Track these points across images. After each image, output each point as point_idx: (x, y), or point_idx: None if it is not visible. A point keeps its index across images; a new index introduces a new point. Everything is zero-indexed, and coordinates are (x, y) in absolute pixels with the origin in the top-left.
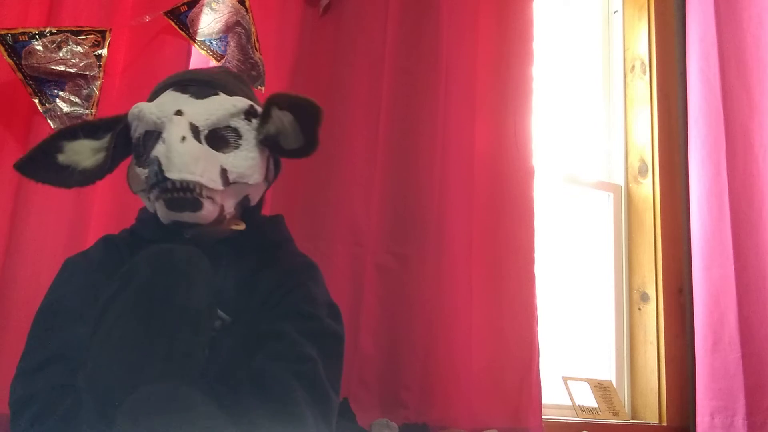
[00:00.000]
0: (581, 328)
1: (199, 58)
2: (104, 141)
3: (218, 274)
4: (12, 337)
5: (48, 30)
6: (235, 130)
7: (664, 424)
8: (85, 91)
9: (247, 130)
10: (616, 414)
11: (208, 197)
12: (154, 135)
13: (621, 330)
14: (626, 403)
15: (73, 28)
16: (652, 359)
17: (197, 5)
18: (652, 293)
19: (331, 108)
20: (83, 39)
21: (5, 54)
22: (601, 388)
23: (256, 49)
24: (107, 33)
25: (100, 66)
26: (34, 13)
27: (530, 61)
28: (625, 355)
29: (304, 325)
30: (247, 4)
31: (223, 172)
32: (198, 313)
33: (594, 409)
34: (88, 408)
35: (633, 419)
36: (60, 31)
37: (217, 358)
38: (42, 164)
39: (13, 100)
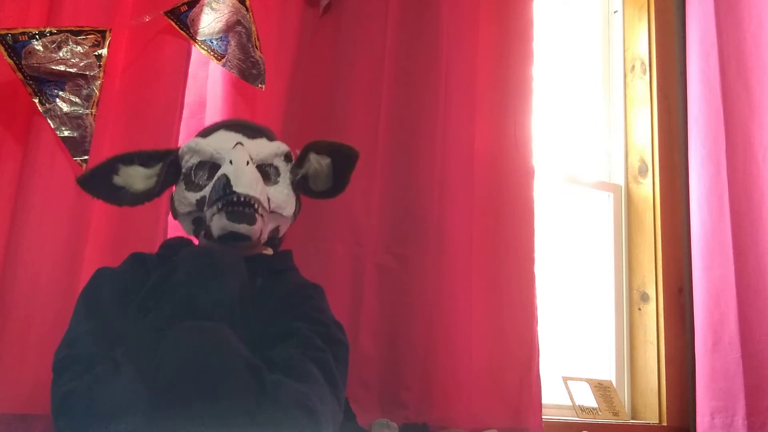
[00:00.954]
0: (581, 328)
1: (200, 58)
2: (155, 169)
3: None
4: (12, 338)
5: (48, 30)
6: (276, 168)
7: (664, 424)
8: (85, 91)
9: (285, 170)
10: (616, 414)
11: (261, 215)
12: (208, 165)
13: (621, 330)
14: (626, 403)
15: (73, 28)
16: (652, 359)
17: (197, 5)
18: (652, 293)
19: (331, 108)
20: (83, 39)
21: (5, 54)
22: (601, 388)
23: (256, 48)
24: (107, 33)
25: (100, 66)
26: (34, 13)
27: (530, 61)
28: (625, 355)
29: (315, 328)
30: (248, 3)
31: (268, 201)
32: (231, 308)
33: (594, 409)
34: (126, 371)
35: (633, 419)
36: (60, 31)
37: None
38: (100, 182)
39: (13, 100)
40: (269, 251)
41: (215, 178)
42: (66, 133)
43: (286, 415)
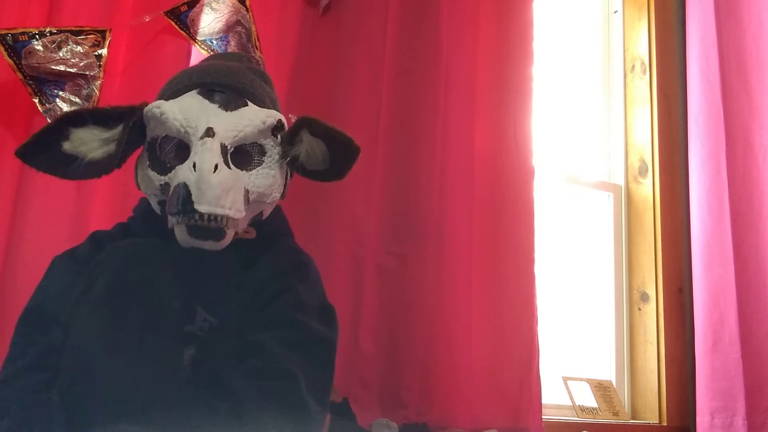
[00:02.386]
0: (581, 328)
1: (199, 58)
2: (115, 132)
3: (204, 273)
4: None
5: (48, 30)
6: (261, 147)
7: (664, 424)
8: (85, 91)
9: (272, 146)
10: (616, 414)
11: (231, 226)
12: (174, 142)
13: (621, 330)
14: (626, 403)
15: (73, 28)
16: (652, 359)
17: (197, 5)
18: (652, 293)
19: (331, 108)
20: (83, 39)
21: (5, 54)
22: (601, 388)
23: (256, 48)
24: (107, 33)
25: (100, 66)
26: (34, 13)
27: (530, 61)
28: (625, 355)
29: (289, 335)
30: (248, 3)
31: (246, 194)
32: (169, 310)
33: (594, 409)
34: (60, 420)
35: (633, 419)
36: (60, 31)
37: (205, 362)
38: (45, 152)
39: (13, 100)
40: (252, 234)
41: (174, 185)
42: None
43: None
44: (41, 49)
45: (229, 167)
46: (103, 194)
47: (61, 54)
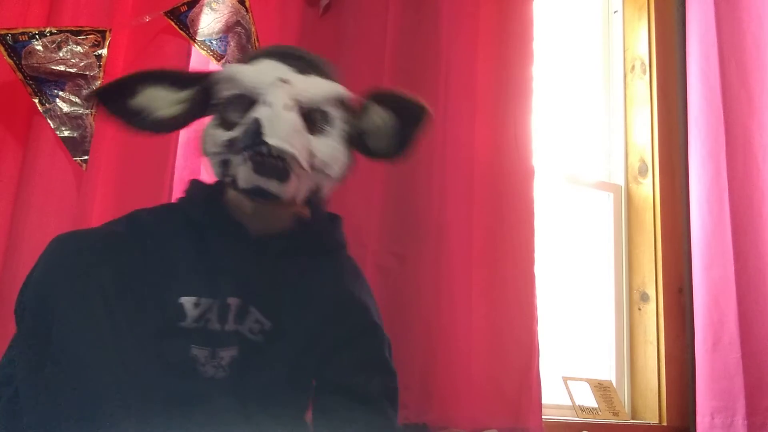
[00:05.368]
0: (581, 328)
1: (200, 58)
2: (186, 94)
3: (262, 270)
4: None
5: (48, 30)
6: (326, 115)
7: (664, 424)
8: (85, 91)
9: (337, 118)
10: (616, 414)
11: (296, 173)
12: (245, 99)
13: (621, 330)
14: (626, 403)
15: (73, 28)
16: (652, 359)
17: (197, 5)
18: (652, 293)
19: None
20: (83, 39)
21: (5, 54)
22: (601, 388)
23: (256, 48)
24: (107, 33)
25: (100, 66)
26: (34, 13)
27: (530, 61)
28: (625, 355)
29: (388, 381)
30: (247, 4)
31: (310, 155)
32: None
33: (594, 409)
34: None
35: (633, 419)
36: (60, 31)
37: (252, 368)
38: (114, 101)
39: (13, 100)
40: (305, 212)
41: (247, 119)
42: (66, 133)
43: None
44: (41, 49)
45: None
46: (104, 194)
47: (61, 54)
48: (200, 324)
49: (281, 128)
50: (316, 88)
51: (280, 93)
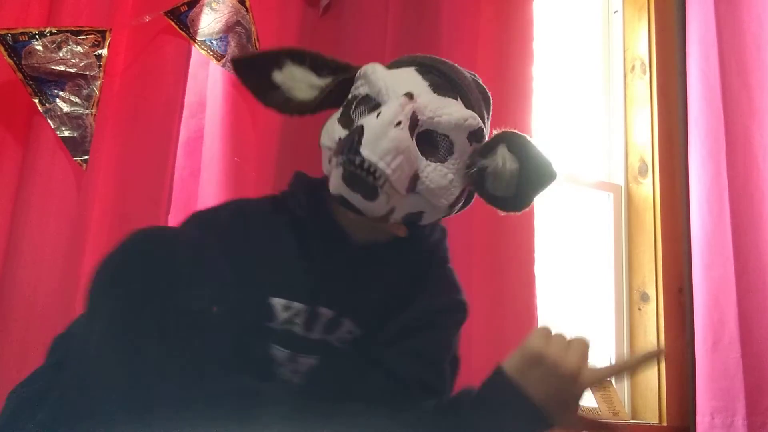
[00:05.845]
0: (581, 328)
1: (200, 58)
2: (324, 81)
3: (363, 284)
4: (12, 338)
5: (48, 30)
6: (450, 142)
7: (664, 424)
8: (85, 91)
9: (462, 150)
10: (616, 414)
11: (386, 193)
12: (371, 102)
13: (621, 330)
14: (626, 403)
15: (73, 28)
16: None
17: (197, 5)
18: (652, 293)
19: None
20: (83, 39)
21: (5, 54)
22: (601, 388)
23: (256, 48)
24: (107, 33)
25: (100, 66)
26: (34, 13)
27: (530, 61)
28: (625, 355)
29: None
30: (248, 4)
31: (414, 178)
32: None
33: (594, 409)
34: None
35: (633, 419)
36: (60, 31)
37: (331, 377)
38: (256, 71)
39: (13, 100)
40: (402, 232)
41: (353, 125)
42: (66, 133)
43: None
44: (41, 49)
45: (411, 138)
46: (104, 194)
47: (61, 54)
48: (285, 326)
49: (381, 143)
50: (446, 111)
51: (395, 107)
